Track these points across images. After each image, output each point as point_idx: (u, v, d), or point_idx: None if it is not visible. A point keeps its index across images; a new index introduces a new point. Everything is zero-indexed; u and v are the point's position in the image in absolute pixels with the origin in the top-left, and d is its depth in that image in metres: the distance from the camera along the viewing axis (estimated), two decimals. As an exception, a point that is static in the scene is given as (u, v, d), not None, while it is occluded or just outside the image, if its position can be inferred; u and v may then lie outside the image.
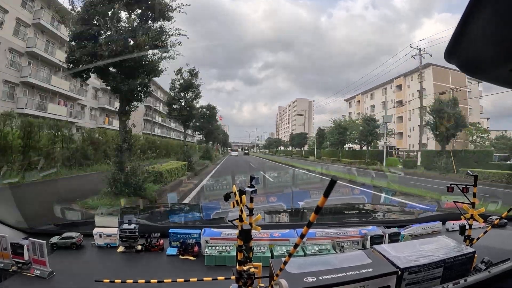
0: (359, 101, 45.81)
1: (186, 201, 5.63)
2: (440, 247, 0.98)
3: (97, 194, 5.48)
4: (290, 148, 59.01)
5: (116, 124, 19.24)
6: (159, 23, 6.18)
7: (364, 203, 2.50)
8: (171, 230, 1.27)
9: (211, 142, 25.72)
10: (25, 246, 1.03)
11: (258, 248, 1.18)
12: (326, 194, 0.52)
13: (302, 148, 49.37)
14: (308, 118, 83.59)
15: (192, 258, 1.20)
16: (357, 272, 0.79)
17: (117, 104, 6.41)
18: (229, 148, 58.75)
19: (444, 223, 1.60)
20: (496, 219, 1.37)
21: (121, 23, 5.90)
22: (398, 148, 31.45)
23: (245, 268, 0.74)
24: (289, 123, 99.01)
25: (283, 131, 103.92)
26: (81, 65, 5.57)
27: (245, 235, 0.72)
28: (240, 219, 0.74)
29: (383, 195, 3.35)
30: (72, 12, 5.86)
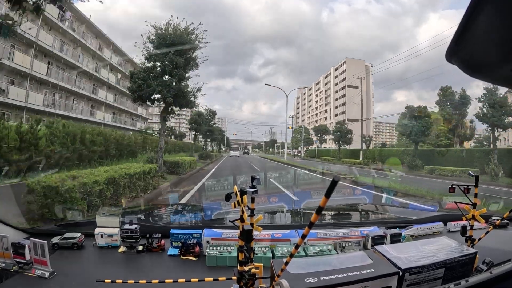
0: None
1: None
2: (442, 247, 0.98)
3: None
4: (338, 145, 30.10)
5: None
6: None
7: (365, 204, 2.50)
8: (172, 231, 1.28)
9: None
10: (26, 246, 1.03)
11: (259, 248, 1.18)
12: (328, 194, 0.52)
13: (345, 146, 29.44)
14: (366, 93, 44.59)
15: (193, 258, 1.20)
16: (358, 272, 0.79)
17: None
18: (228, 147, 50.52)
19: (445, 224, 1.60)
20: (497, 219, 1.37)
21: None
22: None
23: (246, 268, 0.74)
24: (326, 104, 58.40)
25: (313, 118, 64.84)
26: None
27: (246, 236, 0.72)
28: (241, 219, 0.74)
29: (384, 195, 3.34)
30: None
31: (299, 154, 46.02)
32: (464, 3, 0.47)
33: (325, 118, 58.23)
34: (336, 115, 55.11)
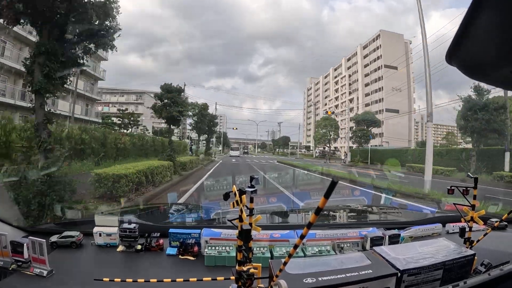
0: None
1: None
2: (440, 249, 0.98)
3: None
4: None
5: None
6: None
7: (364, 205, 2.50)
8: (171, 230, 1.28)
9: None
10: (25, 244, 1.03)
11: (258, 248, 1.18)
12: (327, 195, 0.52)
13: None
14: (407, 77, 33.74)
15: (191, 258, 1.20)
16: (356, 273, 0.79)
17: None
18: (227, 147, 49.11)
19: (444, 225, 1.60)
20: (496, 221, 1.37)
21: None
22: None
23: (244, 268, 0.74)
24: (351, 92, 43.39)
25: (332, 110, 45.94)
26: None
27: (245, 236, 0.72)
28: (240, 219, 0.74)
29: (383, 196, 3.35)
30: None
31: (344, 158, 27.90)
32: (466, 2, 0.47)
33: (351, 109, 38.41)
34: (366, 105, 41.56)
